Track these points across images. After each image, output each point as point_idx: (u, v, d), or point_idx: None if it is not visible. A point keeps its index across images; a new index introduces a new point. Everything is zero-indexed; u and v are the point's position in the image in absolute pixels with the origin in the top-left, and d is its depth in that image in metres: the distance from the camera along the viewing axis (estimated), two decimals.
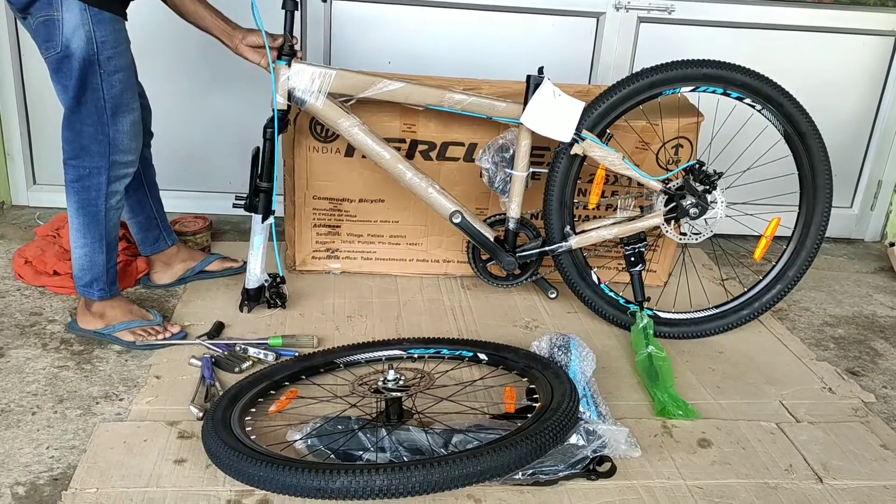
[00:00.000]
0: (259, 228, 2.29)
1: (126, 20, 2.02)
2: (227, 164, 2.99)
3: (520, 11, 2.93)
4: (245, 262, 2.40)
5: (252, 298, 2.37)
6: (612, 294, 2.43)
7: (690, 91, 2.30)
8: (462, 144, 2.50)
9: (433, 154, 2.52)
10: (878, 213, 3.33)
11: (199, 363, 2.09)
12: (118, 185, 2.10)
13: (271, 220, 2.30)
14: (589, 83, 3.00)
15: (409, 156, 2.49)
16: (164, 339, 2.18)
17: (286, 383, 2.01)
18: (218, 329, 2.27)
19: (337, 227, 2.63)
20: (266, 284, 2.37)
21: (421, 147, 2.50)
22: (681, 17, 2.95)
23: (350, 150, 2.49)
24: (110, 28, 1.96)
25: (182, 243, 2.59)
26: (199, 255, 2.60)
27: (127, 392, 1.98)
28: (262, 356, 2.14)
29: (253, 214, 2.28)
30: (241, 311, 2.38)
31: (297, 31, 2.23)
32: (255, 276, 2.34)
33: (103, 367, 2.09)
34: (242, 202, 2.28)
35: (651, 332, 2.25)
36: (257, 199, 2.26)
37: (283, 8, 2.16)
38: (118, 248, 2.24)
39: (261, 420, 1.87)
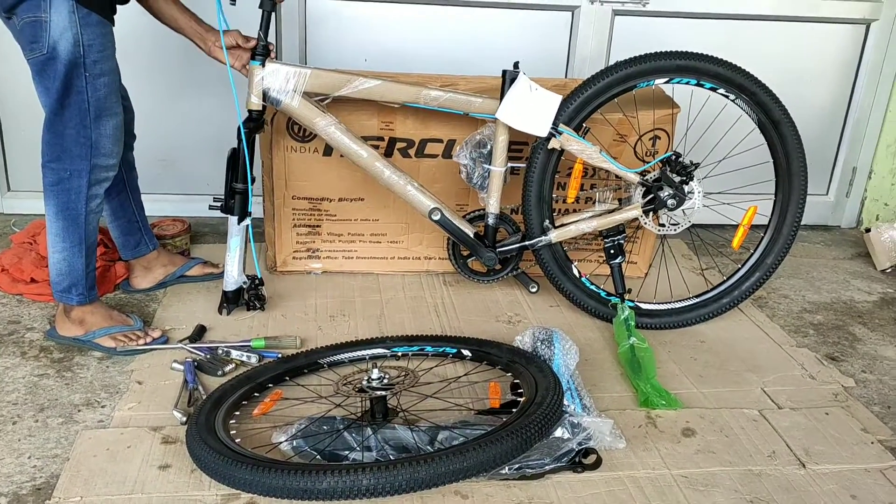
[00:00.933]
0: (235, 230, 2.28)
1: (113, 25, 2.01)
2: (204, 166, 2.96)
3: (495, 6, 2.94)
4: None
5: (231, 301, 2.36)
6: (593, 287, 2.44)
7: (664, 83, 2.31)
8: (440, 141, 2.50)
9: (412, 151, 2.51)
10: (854, 200, 3.37)
11: (182, 367, 2.07)
12: (98, 189, 2.08)
13: (247, 221, 2.28)
14: (566, 77, 3.01)
15: (388, 154, 2.49)
16: (146, 343, 2.16)
17: (270, 385, 2.00)
18: (199, 332, 2.26)
19: (317, 226, 2.62)
20: (245, 286, 2.36)
21: (399, 145, 2.50)
22: (655, 10, 2.96)
23: (328, 150, 2.48)
24: (98, 31, 1.94)
25: (162, 247, 2.57)
26: (180, 259, 2.58)
27: (109, 399, 1.97)
28: (244, 358, 2.13)
29: (229, 216, 2.27)
30: (220, 313, 2.36)
31: (272, 31, 2.22)
32: (233, 278, 2.33)
33: (84, 374, 2.07)
34: (219, 204, 2.27)
35: (633, 323, 2.26)
36: (233, 200, 2.25)
37: (260, 7, 2.15)
38: (97, 252, 2.22)
39: (245, 423, 1.86)
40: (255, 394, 1.96)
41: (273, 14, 2.18)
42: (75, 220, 2.06)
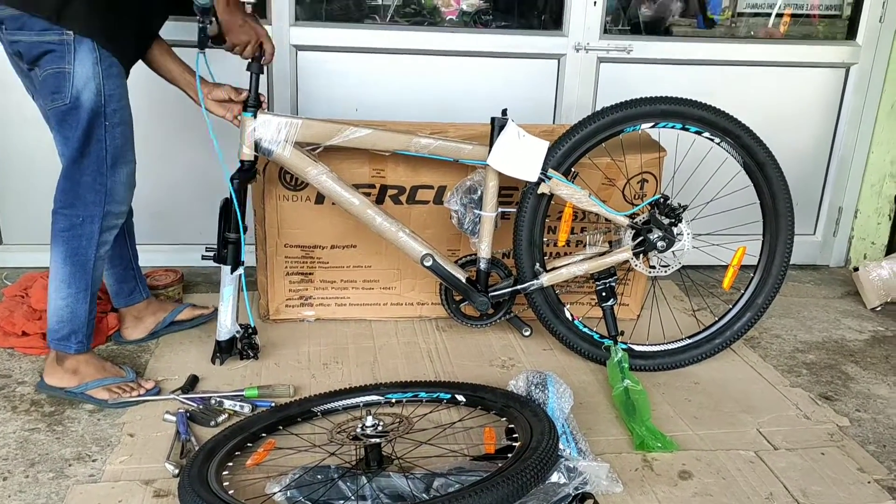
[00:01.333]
0: (228, 280, 2.28)
1: (127, 77, 2.08)
2: (197, 215, 2.98)
3: (483, 56, 3.00)
4: (216, 309, 2.39)
5: (224, 350, 2.35)
6: (586, 330, 2.45)
7: (650, 127, 2.35)
8: (431, 187, 2.53)
9: (403, 198, 2.54)
10: (841, 239, 3.40)
11: (174, 418, 2.05)
12: (108, 236, 2.12)
13: (240, 270, 2.29)
14: (553, 123, 3.06)
15: (380, 200, 2.51)
16: (139, 395, 2.15)
17: (263, 435, 1.98)
18: (192, 383, 2.24)
19: (310, 274, 2.62)
20: (238, 335, 2.35)
21: (391, 192, 2.52)
22: (639, 57, 3.03)
23: (320, 198, 2.50)
24: (118, 82, 2.03)
25: (154, 297, 2.57)
26: (169, 305, 2.58)
27: (100, 452, 1.95)
28: (237, 408, 2.11)
29: (222, 266, 2.28)
30: (214, 363, 2.36)
31: (263, 83, 2.25)
32: (226, 327, 2.33)
33: (75, 427, 2.05)
34: (212, 254, 2.28)
35: (626, 365, 2.26)
36: (225, 250, 2.26)
37: (247, 70, 2.20)
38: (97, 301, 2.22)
39: (239, 474, 1.85)
40: (249, 444, 1.94)
41: (261, 74, 2.23)
42: (83, 265, 2.08)
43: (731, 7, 3.39)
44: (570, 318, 2.44)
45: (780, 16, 3.33)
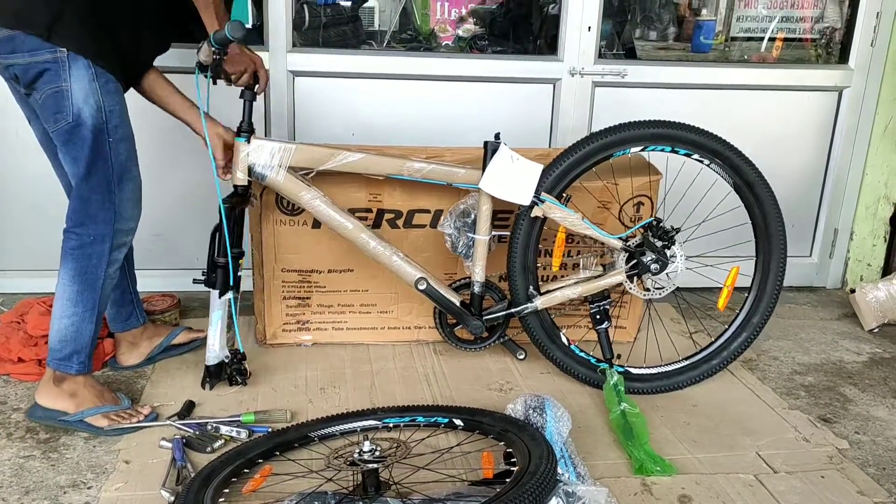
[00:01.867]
0: (217, 304, 2.27)
1: (124, 92, 2.10)
2: (193, 240, 2.98)
3: (479, 80, 3.02)
4: None
5: (213, 375, 2.33)
6: (582, 354, 2.45)
7: (640, 150, 2.37)
8: (428, 212, 2.54)
9: (399, 222, 2.54)
10: (837, 261, 3.41)
11: (170, 445, 2.04)
12: (118, 254, 2.12)
13: (229, 295, 2.28)
14: (549, 146, 3.08)
15: (376, 225, 2.52)
16: (137, 422, 2.13)
17: (260, 461, 1.97)
18: (188, 408, 2.23)
19: (307, 298, 2.62)
20: (226, 360, 2.34)
21: (388, 216, 2.53)
22: (633, 81, 3.05)
23: (318, 222, 2.50)
24: (117, 98, 2.04)
25: (150, 322, 2.56)
26: (165, 329, 2.57)
27: (95, 479, 1.93)
28: (234, 434, 2.10)
29: (211, 290, 2.27)
30: (203, 388, 2.34)
31: (260, 108, 2.27)
32: (214, 352, 2.30)
33: (70, 454, 2.03)
34: (203, 278, 2.28)
35: (622, 388, 2.26)
36: (214, 274, 2.26)
37: (240, 98, 2.22)
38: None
39: (235, 500, 1.83)
40: (245, 470, 1.93)
41: (254, 101, 2.25)
42: (92, 284, 2.08)
43: (725, 32, 3.42)
44: (566, 342, 2.44)
45: (772, 40, 3.37)
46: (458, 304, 2.42)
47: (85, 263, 2.07)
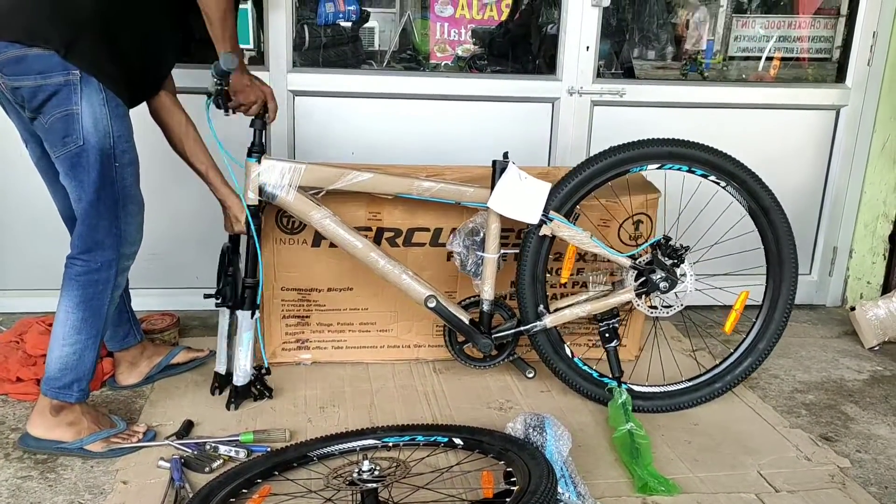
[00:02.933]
0: (248, 325, 2.28)
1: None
2: (192, 259, 2.98)
3: (478, 100, 3.03)
4: (212, 352, 2.38)
5: (241, 395, 2.34)
6: (586, 368, 2.44)
7: (656, 168, 2.36)
8: (428, 230, 2.54)
9: (399, 241, 2.55)
10: (837, 279, 3.41)
11: (168, 465, 2.03)
12: (122, 279, 2.12)
13: (258, 314, 2.30)
14: (549, 165, 3.09)
15: (376, 243, 2.51)
16: (137, 442, 2.12)
17: (259, 480, 1.96)
18: (187, 428, 2.22)
19: (306, 317, 2.62)
20: (252, 378, 2.34)
21: (387, 234, 2.53)
22: (632, 100, 3.07)
23: (317, 241, 2.51)
24: (125, 122, 2.03)
25: (149, 341, 2.56)
26: (164, 349, 2.56)
27: (93, 500, 1.92)
28: (233, 454, 2.09)
29: (239, 311, 2.28)
30: (229, 409, 2.33)
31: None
32: (245, 371, 2.32)
33: (68, 475, 2.02)
34: (218, 297, 2.30)
35: (630, 407, 2.25)
36: (245, 295, 2.27)
37: (250, 126, 2.24)
38: None
39: None
40: (244, 490, 1.91)
41: (264, 129, 2.27)
42: (98, 311, 2.06)
43: (723, 51, 3.45)
44: (570, 355, 2.43)
45: (770, 59, 3.39)
46: (467, 322, 2.42)
47: (91, 290, 2.04)
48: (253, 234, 2.25)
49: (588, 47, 3.00)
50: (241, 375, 2.32)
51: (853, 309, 3.09)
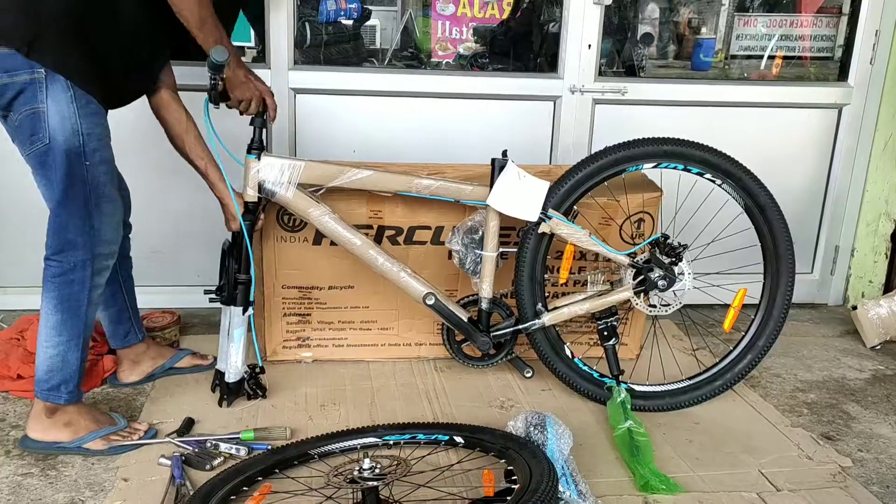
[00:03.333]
0: (239, 321, 2.28)
1: (106, 114, 2.05)
2: (194, 257, 2.98)
3: (479, 98, 3.03)
4: (215, 359, 2.38)
5: (233, 392, 2.33)
6: (586, 368, 2.44)
7: (652, 167, 2.37)
8: (429, 228, 2.54)
9: (400, 239, 2.54)
10: (839, 278, 3.40)
11: (169, 462, 2.03)
12: (100, 279, 2.07)
13: (251, 311, 2.29)
14: (550, 163, 3.08)
15: (377, 241, 2.51)
16: (137, 439, 2.11)
17: (259, 478, 1.96)
18: (188, 426, 2.22)
19: (307, 315, 2.62)
20: (245, 376, 2.34)
21: (388, 232, 2.53)
22: (633, 98, 3.06)
23: (318, 239, 2.50)
24: (96, 121, 1.98)
25: (151, 339, 2.55)
26: (169, 351, 2.56)
27: (93, 497, 1.92)
28: (233, 451, 2.09)
29: (231, 307, 2.27)
30: (221, 405, 2.33)
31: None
32: (237, 368, 2.31)
33: (69, 472, 2.02)
34: (216, 294, 2.28)
35: (629, 406, 2.25)
36: (237, 291, 2.26)
37: (250, 125, 2.24)
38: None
39: None
40: (245, 488, 1.91)
41: (265, 127, 2.26)
42: (76, 311, 2.03)
43: (724, 50, 3.44)
44: (570, 356, 2.43)
45: (772, 58, 3.38)
46: (466, 320, 2.42)
47: (67, 291, 2.01)
48: (244, 230, 2.24)
49: (590, 45, 3.00)
50: (233, 373, 2.31)
51: (855, 308, 3.08)
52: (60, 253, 2.01)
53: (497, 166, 2.31)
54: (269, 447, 2.11)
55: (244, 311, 2.28)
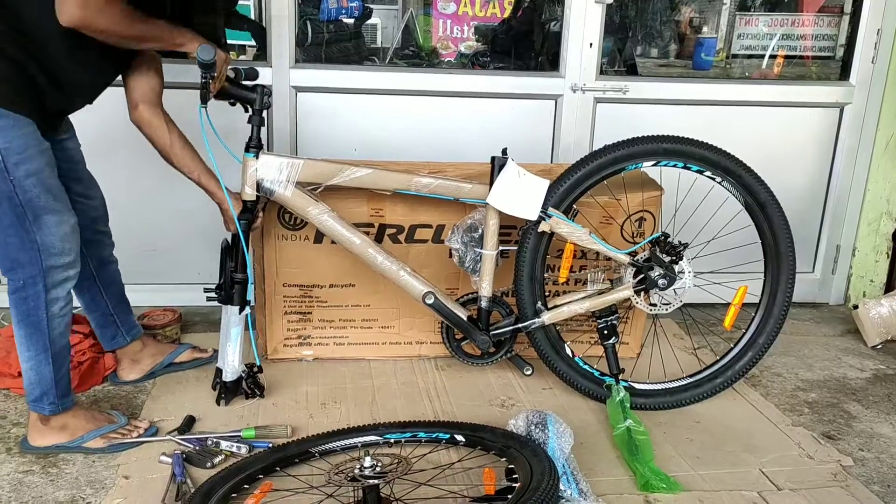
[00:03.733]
0: (236, 320, 2.28)
1: (37, 120, 1.90)
2: (194, 254, 2.98)
3: (480, 97, 3.03)
4: (215, 352, 2.37)
5: (230, 391, 2.33)
6: (586, 367, 2.44)
7: (652, 165, 2.36)
8: (430, 226, 2.53)
9: (401, 237, 2.54)
10: (840, 277, 3.40)
11: (170, 460, 2.03)
12: (59, 291, 1.98)
13: (248, 310, 2.29)
14: (551, 162, 3.08)
15: (378, 240, 2.52)
16: (138, 436, 2.12)
17: (260, 476, 1.96)
18: (189, 423, 2.22)
19: (308, 313, 2.62)
20: (243, 375, 2.34)
21: (389, 231, 2.53)
22: (634, 97, 3.06)
23: (319, 237, 2.50)
24: (14, 133, 1.84)
25: (150, 337, 2.55)
26: (168, 347, 2.56)
27: (94, 495, 1.92)
28: (234, 449, 2.09)
29: (229, 306, 2.27)
30: (219, 404, 2.33)
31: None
32: (234, 367, 2.31)
33: (70, 469, 2.02)
34: (215, 293, 2.28)
35: (628, 405, 2.24)
36: (233, 290, 2.26)
37: (248, 122, 2.23)
38: (69, 356, 2.12)
39: None
40: (245, 486, 1.91)
41: (262, 125, 2.25)
42: (37, 326, 1.98)
43: (726, 49, 3.44)
44: (570, 355, 2.43)
45: (773, 57, 3.38)
46: (465, 318, 2.42)
47: (24, 308, 1.96)
48: (239, 230, 2.23)
49: (591, 44, 2.99)
50: (230, 371, 2.31)
51: (856, 307, 3.08)
52: (11, 271, 1.95)
53: (497, 164, 2.31)
54: (270, 445, 2.11)
55: (241, 310, 2.27)
